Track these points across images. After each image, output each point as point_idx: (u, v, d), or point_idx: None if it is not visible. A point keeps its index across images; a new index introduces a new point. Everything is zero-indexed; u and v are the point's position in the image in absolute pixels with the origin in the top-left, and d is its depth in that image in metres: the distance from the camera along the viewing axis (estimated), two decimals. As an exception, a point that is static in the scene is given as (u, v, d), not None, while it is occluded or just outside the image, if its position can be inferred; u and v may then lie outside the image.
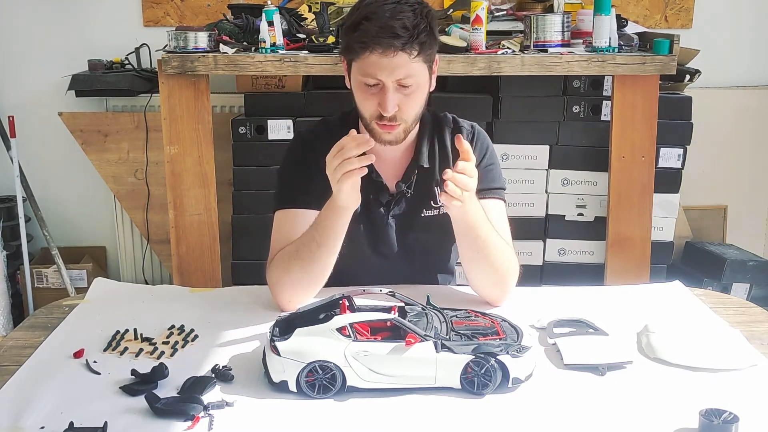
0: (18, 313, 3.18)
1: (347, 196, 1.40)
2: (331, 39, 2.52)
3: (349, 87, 1.54)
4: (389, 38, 1.39)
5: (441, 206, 1.62)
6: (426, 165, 1.60)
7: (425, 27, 1.42)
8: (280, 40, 2.49)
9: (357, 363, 1.16)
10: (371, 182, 1.60)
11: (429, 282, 1.67)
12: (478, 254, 1.48)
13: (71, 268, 3.18)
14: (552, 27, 2.52)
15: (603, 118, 2.80)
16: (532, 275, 2.89)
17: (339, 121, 1.65)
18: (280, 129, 2.78)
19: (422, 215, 1.62)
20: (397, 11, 1.41)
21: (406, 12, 1.41)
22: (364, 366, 1.16)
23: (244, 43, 2.60)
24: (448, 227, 1.61)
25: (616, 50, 2.50)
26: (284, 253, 1.50)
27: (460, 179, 1.36)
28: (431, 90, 1.55)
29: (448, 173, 1.36)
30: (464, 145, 1.38)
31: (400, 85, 1.45)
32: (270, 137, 2.79)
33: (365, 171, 1.35)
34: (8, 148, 3.09)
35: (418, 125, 1.59)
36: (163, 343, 1.35)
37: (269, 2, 2.57)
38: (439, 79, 1.60)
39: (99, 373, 1.25)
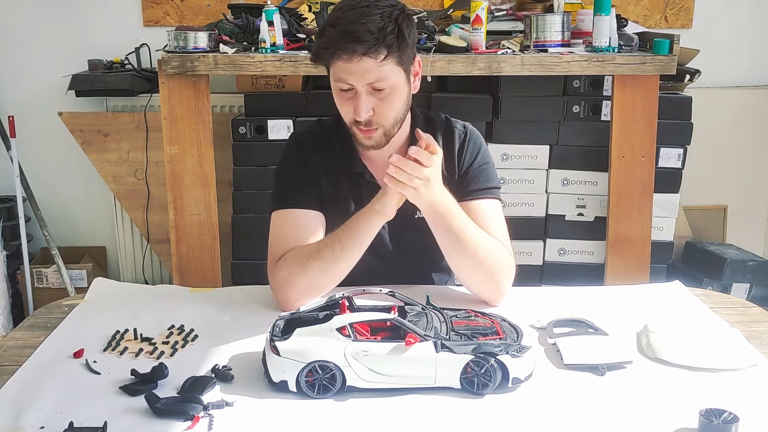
0: (18, 313, 3.19)
1: (391, 206, 1.45)
2: (331, 39, 2.52)
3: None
4: (352, 43, 1.38)
5: None
6: None
7: (393, 30, 1.40)
8: (280, 40, 2.49)
9: (357, 363, 1.16)
10: (365, 183, 1.60)
11: (424, 281, 1.67)
12: (455, 247, 1.48)
13: (71, 268, 3.18)
14: (552, 27, 2.52)
15: (603, 118, 2.80)
16: (532, 275, 2.89)
17: (334, 122, 1.65)
18: (280, 129, 2.78)
19: (416, 217, 1.61)
20: (363, 15, 1.39)
21: (373, 16, 1.39)
22: (364, 366, 1.16)
23: (244, 43, 2.60)
24: None
25: (616, 50, 2.50)
26: (300, 254, 1.49)
27: (408, 164, 1.37)
28: (414, 92, 1.54)
29: (394, 157, 1.38)
30: (423, 135, 1.41)
31: (374, 88, 1.44)
32: (270, 137, 2.79)
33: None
34: (8, 148, 3.09)
35: (408, 127, 1.59)
36: (163, 343, 1.35)
37: (269, 2, 2.57)
38: (439, 79, 1.60)
39: (99, 373, 1.25)
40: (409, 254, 1.65)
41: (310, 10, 2.87)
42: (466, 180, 1.60)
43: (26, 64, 3.27)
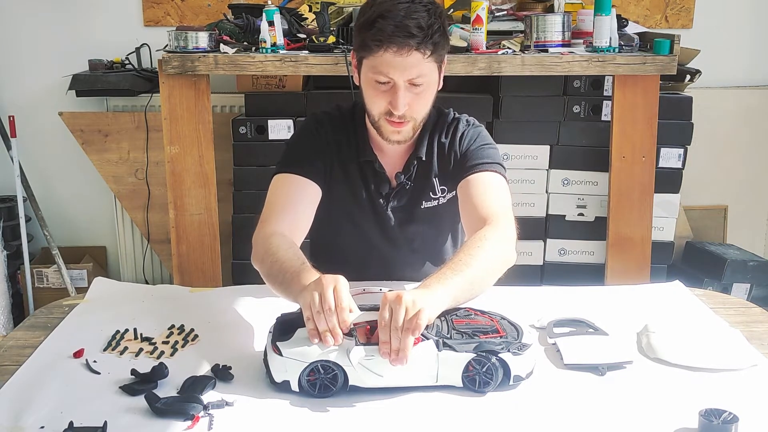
0: (18, 312, 3.19)
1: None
2: (331, 39, 2.52)
3: (357, 84, 1.55)
4: (404, 37, 1.40)
5: (440, 197, 1.63)
6: (424, 158, 1.62)
7: (439, 27, 1.43)
8: (280, 40, 2.49)
9: (358, 362, 1.16)
10: (374, 173, 1.62)
11: (420, 271, 1.67)
12: (473, 295, 1.35)
13: (71, 267, 3.18)
14: (552, 27, 2.51)
15: (603, 118, 2.80)
16: (533, 275, 2.89)
17: (351, 110, 1.67)
18: (281, 129, 2.78)
19: (422, 207, 1.63)
20: (411, 11, 1.41)
21: (420, 12, 1.41)
22: (366, 365, 1.16)
23: (245, 43, 2.60)
24: (446, 218, 1.63)
25: (617, 50, 2.49)
26: (261, 249, 1.44)
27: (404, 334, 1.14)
28: (439, 88, 1.55)
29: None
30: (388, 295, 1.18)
31: (411, 84, 1.46)
32: (270, 137, 2.79)
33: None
34: (9, 147, 3.09)
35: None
36: (163, 342, 1.35)
37: (270, 2, 2.57)
38: (440, 79, 1.61)
39: (99, 373, 1.25)
40: (410, 245, 1.65)
41: (310, 10, 2.87)
42: (466, 158, 1.60)
43: (27, 64, 3.27)
